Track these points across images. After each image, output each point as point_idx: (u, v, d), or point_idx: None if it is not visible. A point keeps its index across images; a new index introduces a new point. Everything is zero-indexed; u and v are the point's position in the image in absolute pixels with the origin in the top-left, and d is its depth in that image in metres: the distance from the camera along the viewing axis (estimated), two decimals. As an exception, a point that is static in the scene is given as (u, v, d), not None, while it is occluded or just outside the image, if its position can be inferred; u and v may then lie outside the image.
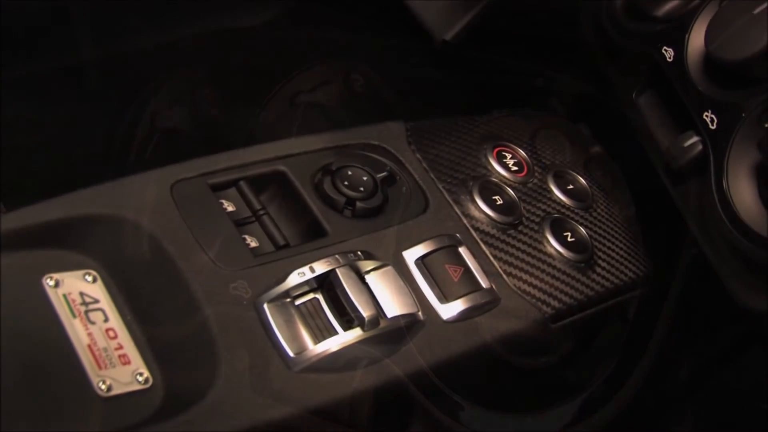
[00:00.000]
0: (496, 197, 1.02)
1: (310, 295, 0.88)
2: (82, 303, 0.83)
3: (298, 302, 0.87)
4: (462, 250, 0.96)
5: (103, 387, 0.78)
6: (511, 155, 1.08)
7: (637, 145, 1.01)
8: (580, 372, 1.18)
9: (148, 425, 0.78)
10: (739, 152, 0.86)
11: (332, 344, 0.84)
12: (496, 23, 1.46)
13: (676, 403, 1.22)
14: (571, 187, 1.09)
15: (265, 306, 0.84)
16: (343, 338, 0.85)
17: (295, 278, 0.86)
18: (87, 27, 1.20)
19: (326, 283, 0.88)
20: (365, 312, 0.85)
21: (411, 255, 0.94)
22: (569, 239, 1.02)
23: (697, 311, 1.20)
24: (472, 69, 1.55)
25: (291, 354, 0.83)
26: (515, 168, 1.07)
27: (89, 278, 0.85)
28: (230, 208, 0.93)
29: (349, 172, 0.97)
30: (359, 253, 0.90)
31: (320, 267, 0.88)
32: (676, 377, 1.24)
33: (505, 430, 1.06)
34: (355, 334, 0.85)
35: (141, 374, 0.81)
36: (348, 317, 0.86)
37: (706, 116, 0.89)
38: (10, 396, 0.75)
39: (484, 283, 0.94)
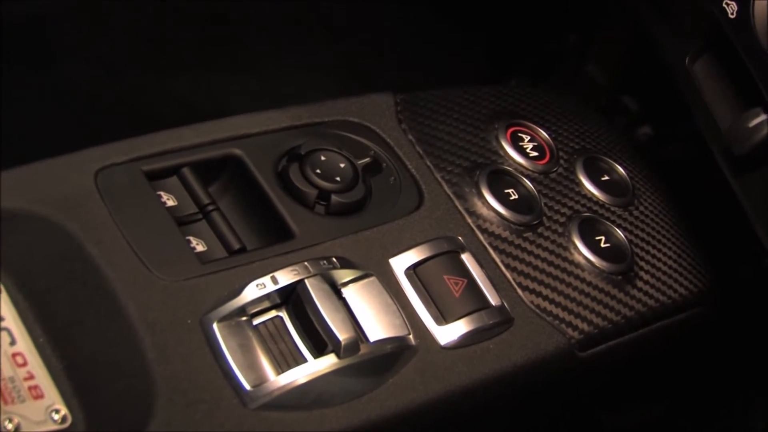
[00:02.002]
0: (510, 190, 1.05)
1: (272, 313, 0.91)
2: (-18, 321, 0.86)
3: (256, 321, 0.90)
4: (465, 257, 0.99)
5: (10, 426, 0.81)
6: (529, 137, 1.12)
7: (692, 124, 1.05)
8: (616, 415, 1.20)
9: (65, 475, 0.81)
10: (818, 135, 0.90)
11: (299, 375, 0.87)
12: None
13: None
14: (606, 178, 1.12)
15: (215, 326, 0.87)
16: (313, 367, 0.88)
17: (252, 291, 0.89)
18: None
19: (292, 298, 0.91)
20: (341, 335, 0.88)
21: (400, 263, 0.97)
22: (602, 245, 1.05)
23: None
24: (482, 24, 1.58)
25: (247, 387, 0.86)
26: (534, 153, 1.10)
27: (-9, 290, 0.87)
28: (171, 202, 0.96)
29: (323, 158, 1.00)
30: (334, 260, 0.93)
31: (285, 277, 0.90)
32: (747, 428, 1.27)
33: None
34: (328, 362, 0.88)
35: (57, 411, 0.84)
36: (319, 341, 0.89)
37: (777, 89, 0.93)
38: None
39: (492, 299, 0.98)
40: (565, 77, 1.55)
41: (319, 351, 0.89)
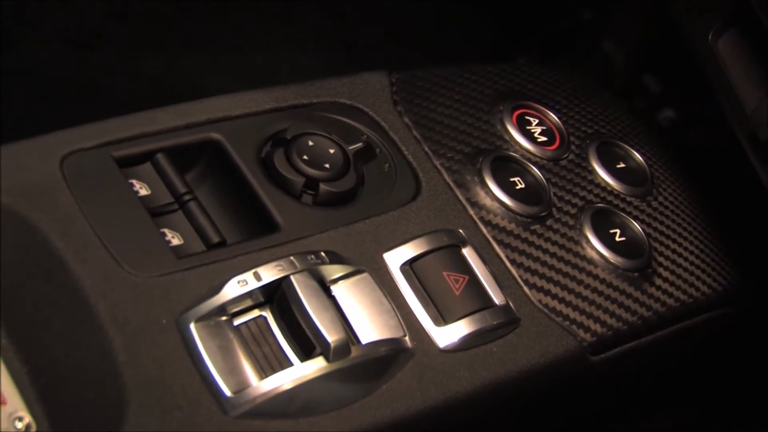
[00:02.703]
0: (516, 179, 1.06)
1: (255, 312, 0.92)
2: (-62, 321, 0.86)
3: (237, 322, 0.91)
4: (467, 251, 1.00)
5: (-32, 435, 0.83)
6: (537, 120, 1.13)
7: (718, 107, 1.06)
8: (631, 425, 1.21)
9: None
10: None
11: (284, 380, 0.88)
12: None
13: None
14: (622, 165, 1.13)
15: (192, 326, 0.88)
16: (300, 372, 0.89)
17: (233, 288, 0.90)
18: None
19: (277, 296, 0.92)
20: (330, 336, 0.89)
21: (395, 258, 0.98)
22: (617, 239, 1.07)
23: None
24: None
25: (228, 393, 0.87)
26: (543, 138, 1.11)
27: (-53, 287, 0.88)
28: (144, 191, 0.96)
29: (310, 143, 1.00)
30: (323, 254, 0.94)
31: (269, 273, 0.91)
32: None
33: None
34: (316, 366, 0.89)
35: (20, 419, 0.85)
36: (307, 343, 0.90)
37: (808, 67, 0.94)
38: None
39: (496, 297, 0.99)
40: (579, 56, 1.56)
41: (306, 354, 0.90)
